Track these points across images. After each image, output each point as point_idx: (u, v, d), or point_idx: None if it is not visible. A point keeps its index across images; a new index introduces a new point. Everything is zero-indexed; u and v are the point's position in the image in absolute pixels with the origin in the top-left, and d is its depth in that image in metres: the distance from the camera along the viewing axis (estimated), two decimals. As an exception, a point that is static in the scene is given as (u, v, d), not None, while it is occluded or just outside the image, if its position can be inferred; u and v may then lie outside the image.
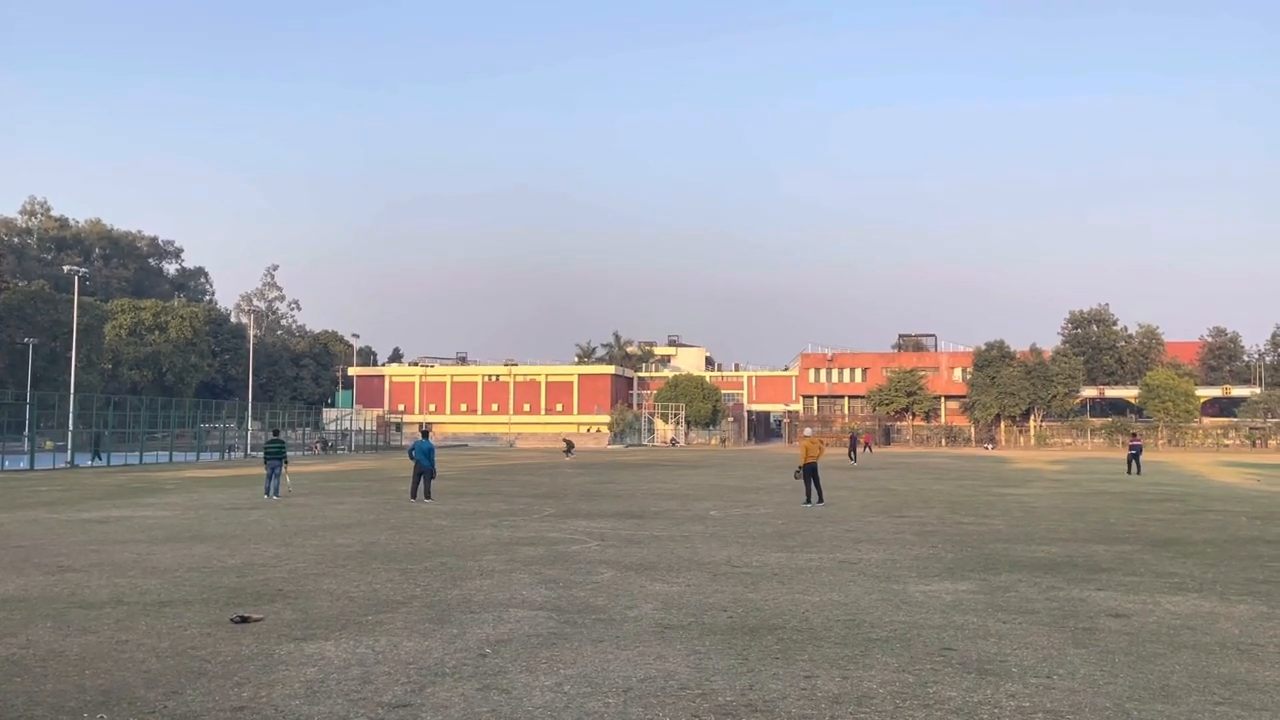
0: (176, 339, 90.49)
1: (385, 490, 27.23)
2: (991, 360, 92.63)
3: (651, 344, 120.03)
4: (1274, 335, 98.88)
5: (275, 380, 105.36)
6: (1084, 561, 13.16)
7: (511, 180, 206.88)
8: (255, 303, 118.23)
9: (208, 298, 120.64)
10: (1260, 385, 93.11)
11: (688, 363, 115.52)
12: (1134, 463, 38.09)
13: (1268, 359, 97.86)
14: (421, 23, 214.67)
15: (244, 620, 8.96)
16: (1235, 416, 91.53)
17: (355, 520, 18.66)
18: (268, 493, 23.77)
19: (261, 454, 24.39)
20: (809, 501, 21.79)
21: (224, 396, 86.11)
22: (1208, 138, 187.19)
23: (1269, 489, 29.36)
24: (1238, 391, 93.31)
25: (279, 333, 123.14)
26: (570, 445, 59.48)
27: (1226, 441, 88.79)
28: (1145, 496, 25.56)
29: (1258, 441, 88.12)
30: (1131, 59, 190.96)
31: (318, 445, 68.18)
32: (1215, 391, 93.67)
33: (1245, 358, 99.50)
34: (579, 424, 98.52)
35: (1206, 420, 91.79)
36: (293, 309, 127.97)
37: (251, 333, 76.22)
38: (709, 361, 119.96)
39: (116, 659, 7.63)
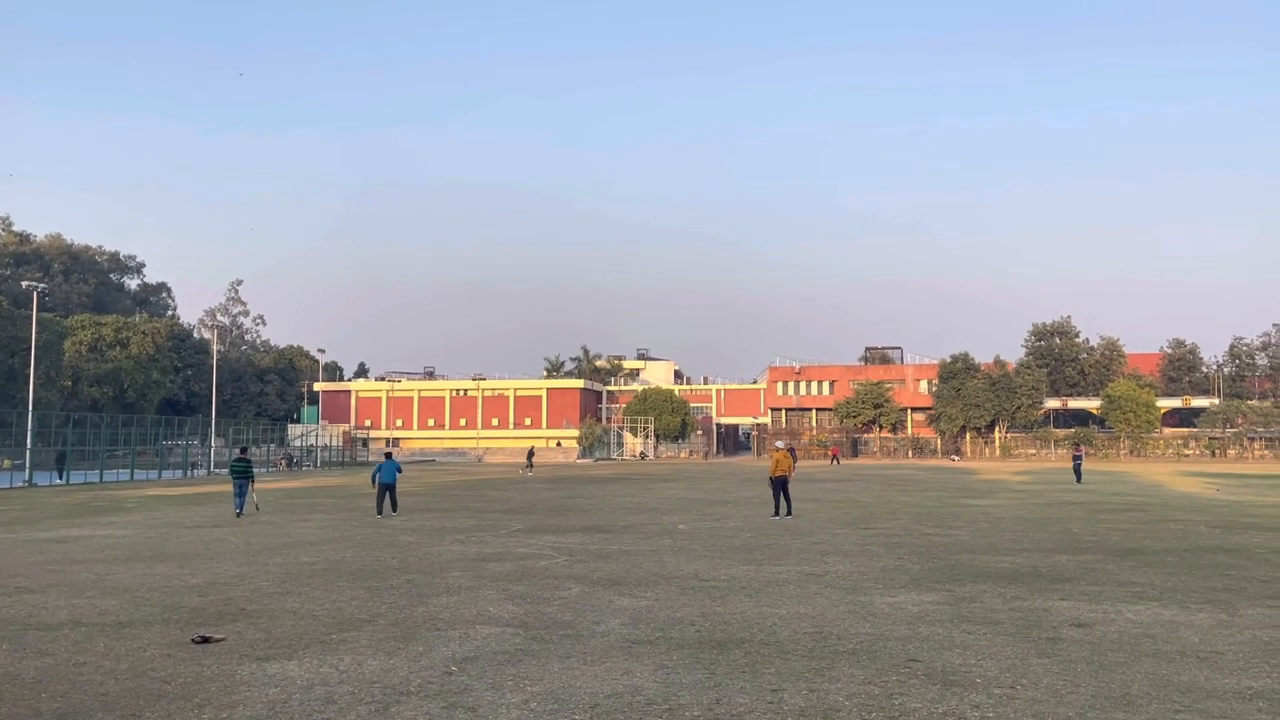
0: (138, 355, 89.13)
1: (351, 507, 26.96)
2: (956, 372, 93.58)
3: (620, 358, 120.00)
4: (1232, 347, 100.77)
5: (239, 396, 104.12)
6: (1047, 571, 13.30)
7: (479, 195, 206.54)
8: (219, 318, 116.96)
9: (170, 313, 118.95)
10: (1219, 396, 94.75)
11: (657, 376, 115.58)
12: (1077, 472, 40.21)
13: (1226, 370, 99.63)
14: (381, 35, 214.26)
15: (205, 640, 8.83)
16: (1195, 427, 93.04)
17: (320, 537, 18.45)
18: (240, 511, 23.29)
19: (228, 471, 24.01)
20: (777, 514, 21.86)
21: (187, 413, 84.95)
22: (1169, 155, 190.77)
23: (1228, 498, 29.84)
24: (1197, 402, 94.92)
25: (243, 348, 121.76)
26: (531, 454, 59.29)
27: (1187, 451, 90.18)
28: (1107, 506, 25.89)
29: (1217, 451, 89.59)
30: (1093, 79, 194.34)
31: (282, 462, 67.41)
32: (1175, 402, 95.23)
33: (1204, 369, 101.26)
34: (548, 438, 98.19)
35: (1167, 430, 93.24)
36: (258, 324, 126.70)
37: (215, 348, 75.34)
38: (678, 375, 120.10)
39: (74, 681, 7.49)
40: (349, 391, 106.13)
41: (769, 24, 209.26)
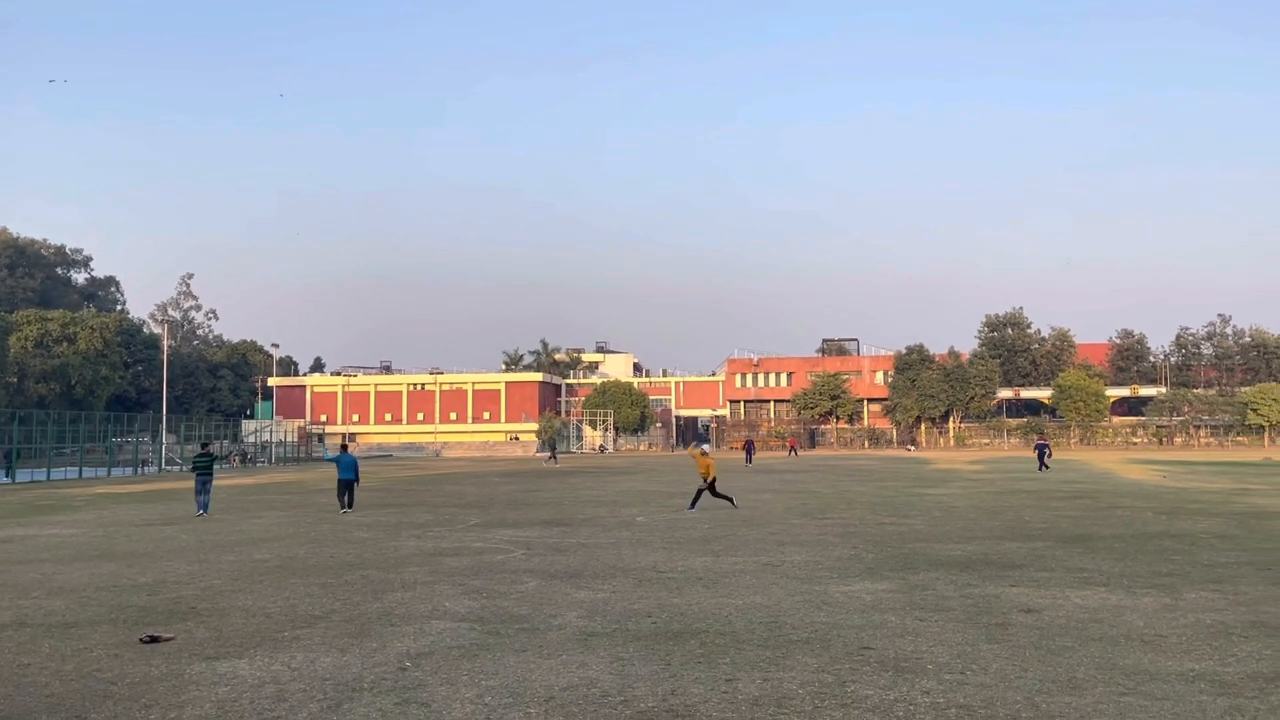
0: (86, 350, 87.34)
1: (306, 503, 26.66)
2: (912, 364, 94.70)
3: (579, 351, 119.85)
4: (1178, 337, 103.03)
5: (191, 392, 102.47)
6: (998, 559, 13.51)
7: (434, 188, 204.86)
8: (170, 312, 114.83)
9: (119, 308, 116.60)
10: (1166, 385, 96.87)
11: (616, 369, 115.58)
12: (1042, 461, 40.77)
13: (1172, 360, 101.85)
14: (335, 30, 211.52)
15: (154, 640, 8.68)
16: (1143, 415, 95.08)
17: (274, 534, 18.23)
18: (204, 510, 22.72)
19: (190, 467, 23.54)
20: (693, 506, 21.82)
21: (137, 409, 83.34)
22: (1116, 150, 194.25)
23: (1174, 485, 30.53)
24: (1145, 391, 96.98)
25: (195, 343, 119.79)
26: (553, 444, 61.22)
27: (1135, 439, 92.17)
28: (1057, 494, 26.36)
29: (1164, 439, 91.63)
30: (1046, 70, 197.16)
31: (236, 458, 66.48)
32: (1124, 391, 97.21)
33: (1151, 359, 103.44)
34: (506, 432, 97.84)
35: (1116, 419, 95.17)
36: (209, 318, 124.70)
37: (166, 343, 73.91)
38: (637, 368, 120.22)
39: (18, 683, 7.33)
40: (304, 386, 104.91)
41: (724, 17, 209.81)
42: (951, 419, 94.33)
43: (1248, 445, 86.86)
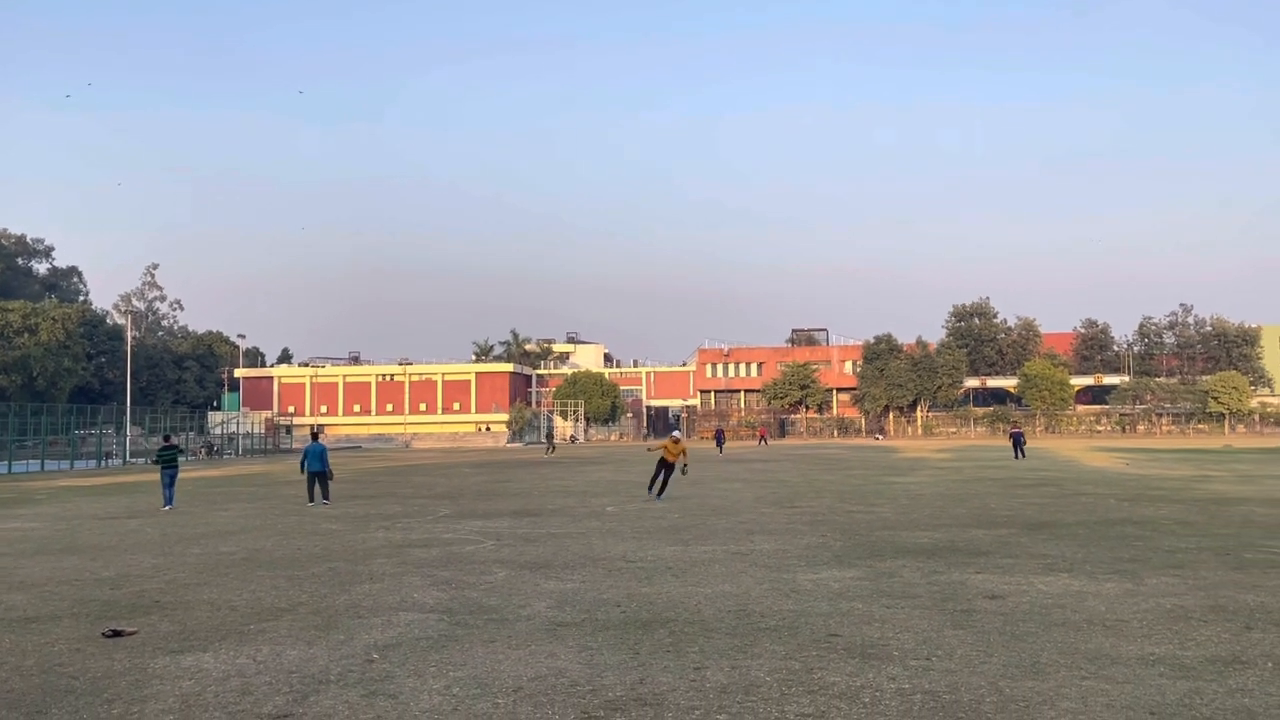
0: (48, 342, 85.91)
1: (273, 495, 26.43)
2: (880, 353, 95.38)
3: (550, 341, 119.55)
4: (1141, 326, 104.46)
5: (156, 383, 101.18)
6: (964, 546, 13.66)
7: (403, 178, 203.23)
8: (134, 303, 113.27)
9: (82, 298, 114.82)
10: (1129, 374, 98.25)
11: (586, 360, 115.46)
12: (1018, 449, 41.27)
13: (1135, 349, 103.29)
14: (295, 14, 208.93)
15: (116, 634, 8.57)
16: (1107, 404, 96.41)
17: (240, 527, 18.06)
18: (171, 504, 22.25)
19: (155, 459, 23.15)
20: (651, 490, 21.96)
21: (101, 401, 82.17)
22: (1077, 140, 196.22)
23: (1137, 472, 30.99)
24: (1109, 380, 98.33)
25: (160, 334, 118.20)
26: (550, 435, 61.26)
27: (1099, 427, 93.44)
28: (1023, 482, 26.68)
29: (1127, 427, 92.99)
30: (1010, 60, 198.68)
31: (202, 450, 65.76)
32: (1088, 380, 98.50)
33: (1115, 348, 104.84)
34: (477, 423, 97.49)
35: (1080, 408, 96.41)
36: (174, 309, 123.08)
37: (129, 334, 72.86)
38: (608, 358, 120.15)
39: (-25, 681, 7.21)
40: (271, 378, 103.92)
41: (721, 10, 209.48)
42: (919, 408, 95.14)
43: (1208, 433, 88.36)
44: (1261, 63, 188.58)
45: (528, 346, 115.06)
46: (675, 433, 24.47)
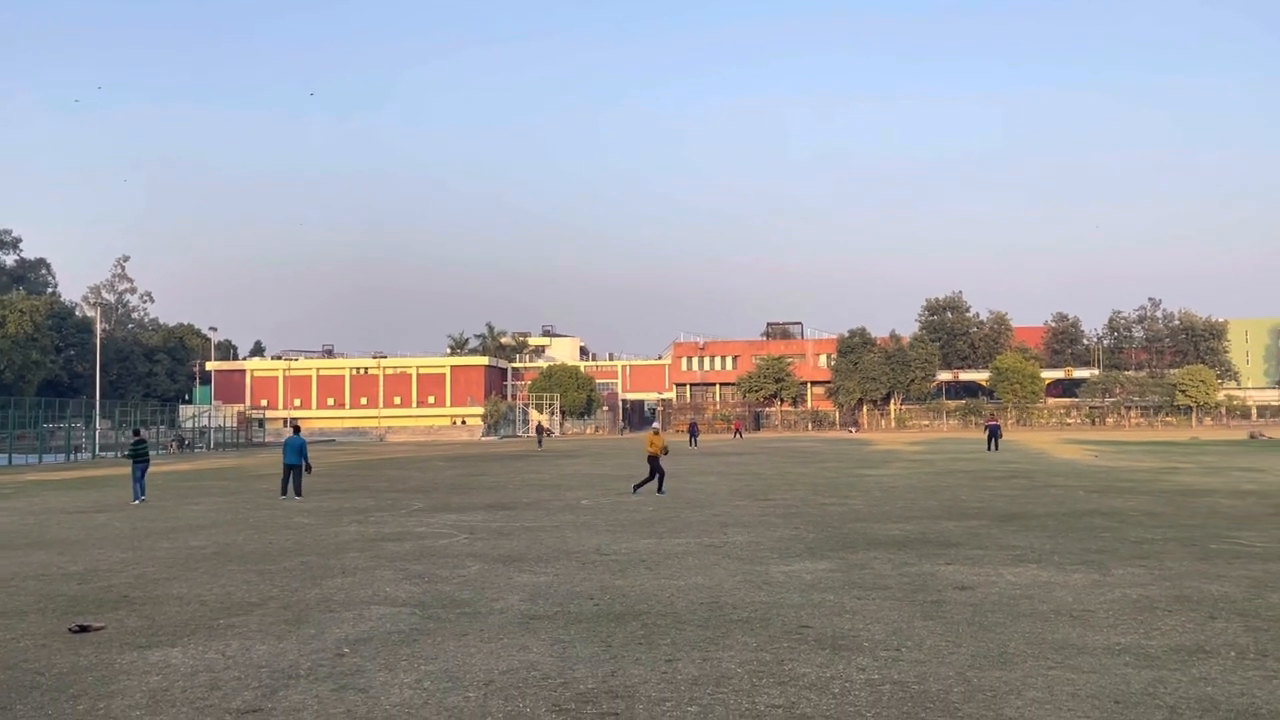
0: (15, 334, 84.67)
1: (245, 489, 26.22)
2: (854, 347, 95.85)
3: (526, 334, 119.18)
4: (1111, 320, 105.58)
5: (126, 376, 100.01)
6: (935, 537, 13.77)
7: (377, 170, 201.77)
8: (104, 295, 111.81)
9: (50, 290, 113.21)
10: (1099, 367, 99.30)
11: (562, 353, 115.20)
12: (993, 441, 41.83)
13: (1105, 342, 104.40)
14: (275, 10, 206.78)
15: (83, 629, 8.48)
16: (1077, 397, 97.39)
17: (212, 521, 17.91)
18: (143, 498, 22.07)
19: (127, 454, 22.94)
20: (659, 489, 21.55)
21: (70, 395, 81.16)
22: (1046, 136, 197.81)
23: (1106, 464, 31.35)
24: (1079, 373, 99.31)
25: (130, 327, 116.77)
26: (540, 429, 61.53)
27: (1069, 420, 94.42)
28: (994, 474, 26.92)
29: (1097, 420, 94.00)
30: (979, 52, 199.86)
31: (173, 444, 65.09)
32: (1059, 373, 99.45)
33: (1085, 341, 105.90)
34: (452, 416, 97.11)
35: (1051, 400, 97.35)
36: (145, 302, 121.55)
37: (99, 326, 71.92)
38: (583, 351, 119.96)
39: (-63, 677, 7.11)
40: (244, 371, 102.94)
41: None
42: (893, 401, 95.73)
43: (1176, 425, 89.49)
44: (1249, 55, 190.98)
45: (503, 339, 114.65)
46: (655, 424, 24.85)
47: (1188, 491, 20.64)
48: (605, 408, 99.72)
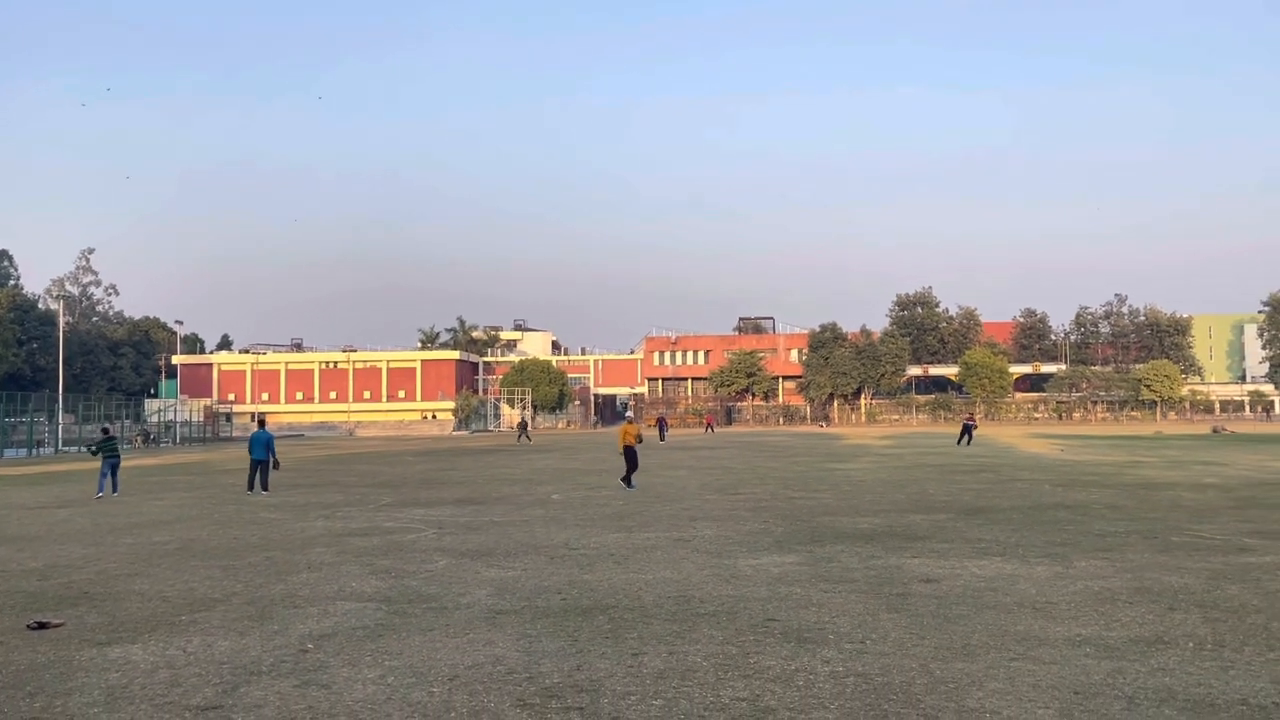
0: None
1: (211, 484, 25.94)
2: (825, 342, 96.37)
3: (497, 328, 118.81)
4: (1078, 315, 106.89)
5: (90, 370, 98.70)
6: (902, 531, 13.87)
7: (346, 163, 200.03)
8: (68, 287, 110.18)
9: (12, 282, 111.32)
10: (1065, 362, 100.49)
11: (534, 347, 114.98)
12: (966, 436, 42.13)
13: (1072, 338, 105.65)
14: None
15: (42, 626, 8.35)
16: (1044, 391, 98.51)
17: (176, 516, 17.69)
18: (114, 490, 21.87)
19: (96, 450, 22.62)
20: (630, 484, 21.43)
21: (32, 388, 79.84)
22: (1012, 133, 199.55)
23: (1071, 458, 31.73)
24: (1046, 368, 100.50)
25: (94, 320, 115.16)
26: (523, 425, 61.58)
27: (1036, 415, 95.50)
28: (961, 468, 27.16)
29: (1063, 414, 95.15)
30: (952, 40, 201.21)
31: (138, 438, 64.25)
32: (1026, 368, 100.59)
33: (1053, 337, 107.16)
34: (422, 411, 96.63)
35: (1019, 395, 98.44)
36: (110, 294, 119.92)
37: (62, 319, 70.88)
38: (556, 346, 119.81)
39: (-111, 676, 6.97)
40: (210, 364, 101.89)
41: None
42: (863, 396, 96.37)
43: (1140, 420, 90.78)
44: (1212, 55, 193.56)
45: (474, 334, 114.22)
46: (629, 414, 25.62)
47: (1150, 485, 20.93)
48: (577, 402, 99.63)
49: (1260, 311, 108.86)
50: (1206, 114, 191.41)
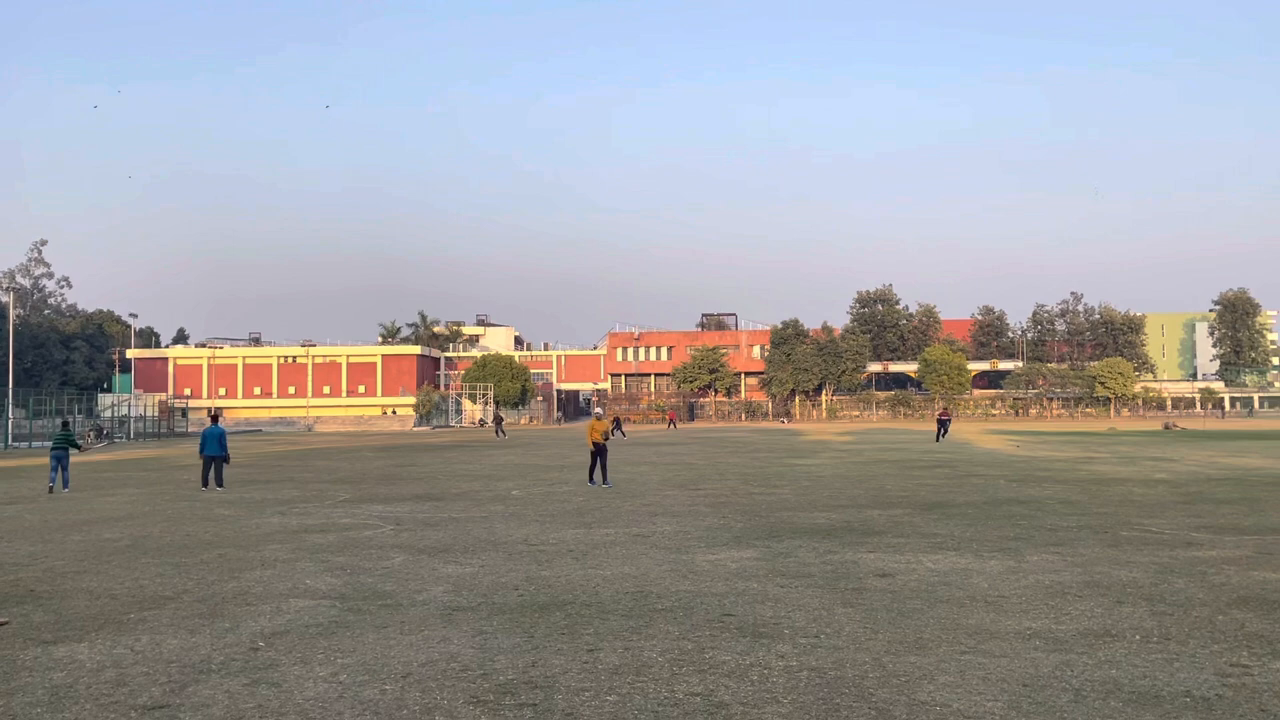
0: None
1: (164, 480, 25.54)
2: (787, 338, 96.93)
3: (459, 324, 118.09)
4: (1035, 313, 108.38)
5: (42, 364, 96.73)
6: (859, 526, 13.99)
7: (305, 158, 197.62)
8: (19, 279, 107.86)
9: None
10: (1022, 359, 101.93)
11: (496, 342, 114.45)
12: (942, 430, 42.90)
13: (1029, 336, 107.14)
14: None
15: (-15, 626, 8.17)
16: (1001, 388, 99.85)
17: (127, 513, 17.39)
18: (65, 486, 21.55)
19: (49, 444, 22.24)
20: (593, 481, 21.53)
21: (-20, 382, 78.10)
22: (968, 130, 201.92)
23: (1027, 454, 32.18)
24: (1004, 365, 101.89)
25: (46, 312, 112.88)
26: (498, 419, 61.41)
27: (994, 411, 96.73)
28: (919, 464, 27.45)
29: (1020, 410, 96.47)
30: (918, 36, 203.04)
31: (91, 434, 63.09)
32: (984, 365, 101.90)
33: (1010, 334, 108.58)
34: (383, 406, 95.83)
35: (977, 392, 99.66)
36: (62, 287, 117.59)
37: (12, 312, 69.41)
38: (518, 341, 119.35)
39: None
40: (166, 359, 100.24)
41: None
42: (824, 392, 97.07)
43: (1095, 416, 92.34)
44: (1172, 51, 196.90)
45: (436, 329, 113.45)
46: (597, 410, 25.75)
47: (1102, 480, 21.29)
48: (540, 398, 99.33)
49: (1211, 310, 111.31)
50: (1161, 112, 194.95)
